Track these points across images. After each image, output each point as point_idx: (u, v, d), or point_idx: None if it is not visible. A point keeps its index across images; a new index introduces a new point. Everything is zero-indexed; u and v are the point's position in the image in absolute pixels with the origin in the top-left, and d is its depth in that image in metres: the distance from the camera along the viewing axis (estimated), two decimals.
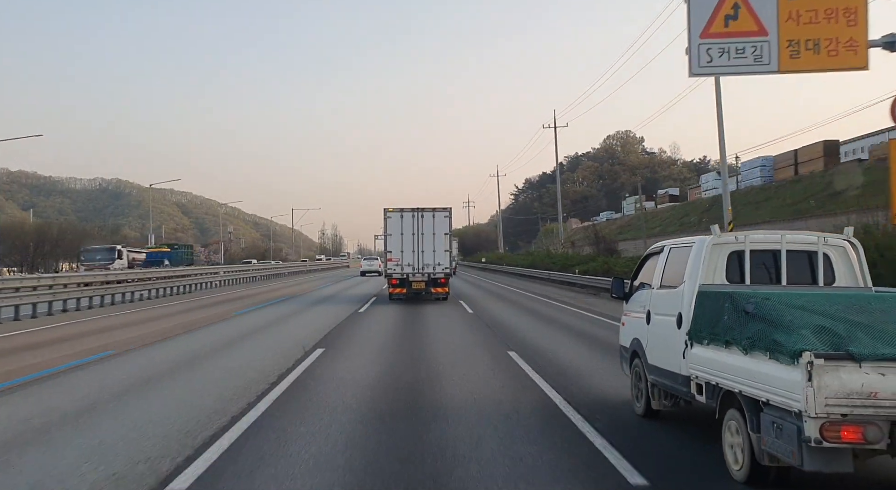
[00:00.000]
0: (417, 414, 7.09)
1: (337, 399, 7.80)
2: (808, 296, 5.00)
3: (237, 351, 12.17)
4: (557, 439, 6.10)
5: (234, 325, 16.93)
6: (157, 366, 10.40)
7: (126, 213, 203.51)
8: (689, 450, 5.85)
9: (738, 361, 4.82)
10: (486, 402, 7.63)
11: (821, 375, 3.95)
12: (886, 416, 3.95)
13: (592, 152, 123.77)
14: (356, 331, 15.22)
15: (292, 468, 5.19)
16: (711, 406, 5.35)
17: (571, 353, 11.62)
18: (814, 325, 4.40)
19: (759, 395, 4.52)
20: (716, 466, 5.12)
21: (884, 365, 3.98)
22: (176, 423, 6.60)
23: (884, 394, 3.93)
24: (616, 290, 7.96)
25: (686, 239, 6.47)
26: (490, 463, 5.34)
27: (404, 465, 5.30)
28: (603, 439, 5.94)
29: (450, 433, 6.26)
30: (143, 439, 6.04)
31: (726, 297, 5.19)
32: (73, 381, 9.29)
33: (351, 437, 6.23)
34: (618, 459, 5.37)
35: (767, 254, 5.94)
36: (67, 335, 14.62)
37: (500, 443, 5.90)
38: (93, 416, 7.10)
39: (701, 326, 5.47)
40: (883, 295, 5.30)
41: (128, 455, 5.55)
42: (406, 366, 10.27)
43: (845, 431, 3.95)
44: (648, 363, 6.65)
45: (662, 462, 5.47)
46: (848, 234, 5.93)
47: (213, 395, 7.98)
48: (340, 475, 5.05)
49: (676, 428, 6.50)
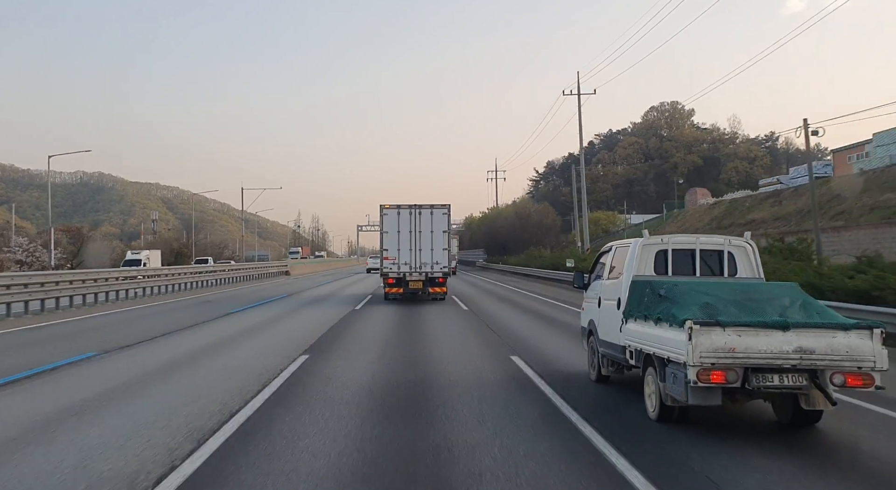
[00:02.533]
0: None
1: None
2: (705, 283, 6.98)
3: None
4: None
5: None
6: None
7: (107, 208, 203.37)
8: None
9: (652, 331, 6.76)
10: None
11: (697, 336, 5.89)
12: (741, 364, 5.89)
13: (631, 128, 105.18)
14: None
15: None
16: (638, 368, 7.31)
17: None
18: (701, 302, 6.37)
19: (664, 354, 6.46)
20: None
21: (740, 329, 5.92)
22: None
23: (739, 349, 5.87)
24: (577, 282, 9.91)
25: (626, 241, 8.43)
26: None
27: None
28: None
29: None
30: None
31: (647, 284, 7.16)
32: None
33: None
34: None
35: (686, 252, 7.91)
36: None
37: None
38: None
39: (631, 307, 7.42)
40: (761, 283, 7.29)
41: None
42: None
43: (713, 375, 5.89)
44: (599, 338, 8.62)
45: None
46: (747, 238, 7.91)
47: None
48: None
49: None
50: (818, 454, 5.86)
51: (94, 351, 11.66)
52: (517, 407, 7.50)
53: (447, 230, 23.37)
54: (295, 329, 15.79)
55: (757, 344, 5.86)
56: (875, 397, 7.33)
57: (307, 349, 11.98)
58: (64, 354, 11.31)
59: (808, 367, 5.87)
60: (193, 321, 17.27)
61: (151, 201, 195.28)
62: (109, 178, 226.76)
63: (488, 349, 12.22)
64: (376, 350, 12.14)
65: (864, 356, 5.81)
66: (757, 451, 5.79)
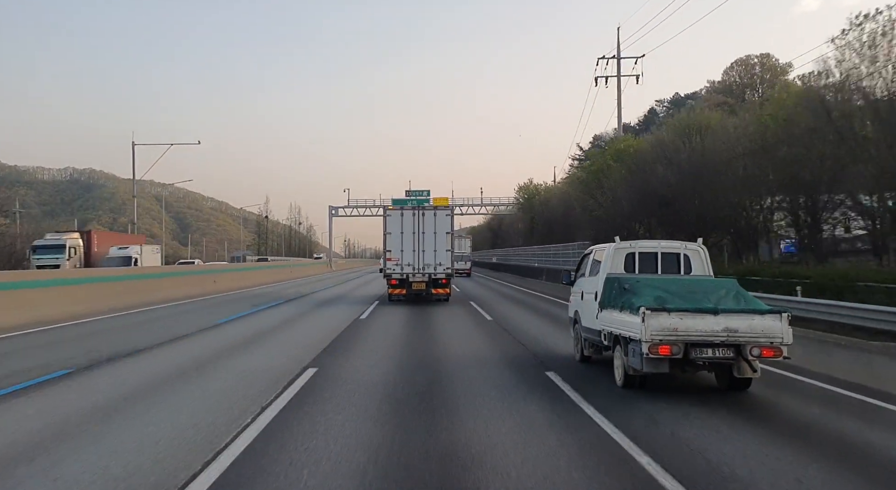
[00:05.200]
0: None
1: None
2: (660, 279, 9.15)
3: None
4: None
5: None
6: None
7: (97, 206, 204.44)
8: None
9: (618, 317, 8.92)
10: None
11: (649, 319, 8.03)
12: (682, 340, 8.03)
13: (707, 89, 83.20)
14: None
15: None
16: (610, 348, 9.47)
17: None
18: (654, 294, 8.54)
19: (627, 334, 8.61)
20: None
21: (682, 314, 8.06)
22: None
23: (680, 329, 8.01)
24: (566, 279, 12.10)
25: (603, 245, 10.62)
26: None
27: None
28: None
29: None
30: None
31: (616, 280, 9.33)
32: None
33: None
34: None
35: (651, 254, 10.08)
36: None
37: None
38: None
39: (605, 298, 9.58)
40: (705, 278, 9.47)
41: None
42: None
43: (661, 349, 8.04)
44: (582, 325, 10.79)
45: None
46: (699, 243, 10.10)
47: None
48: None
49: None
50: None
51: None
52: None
53: (450, 231, 24.25)
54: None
55: (694, 325, 8.02)
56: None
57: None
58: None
59: (734, 343, 8.02)
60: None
61: (145, 199, 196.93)
62: (101, 174, 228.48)
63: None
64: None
65: (775, 334, 7.96)
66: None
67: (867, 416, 7.73)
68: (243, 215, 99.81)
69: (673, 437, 6.62)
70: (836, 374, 10.07)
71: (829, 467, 5.77)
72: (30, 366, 10.67)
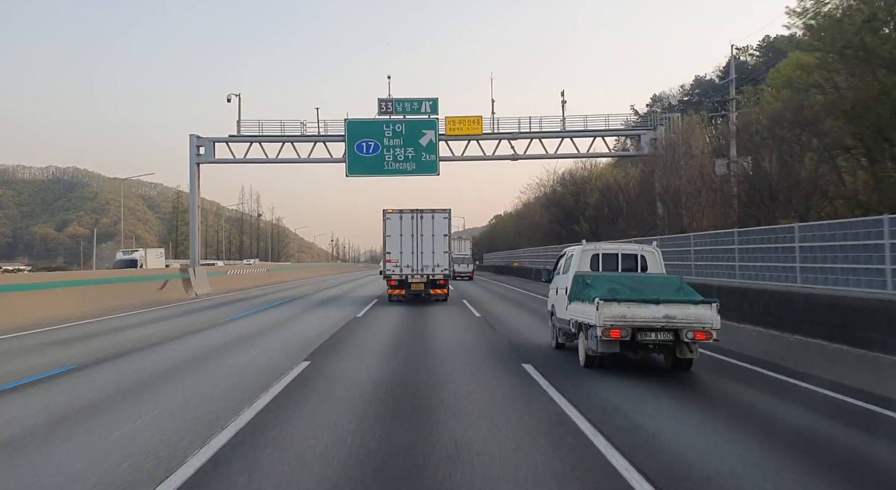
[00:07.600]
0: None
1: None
2: (617, 275, 11.27)
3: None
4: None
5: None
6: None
7: (79, 206, 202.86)
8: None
9: (581, 307, 10.99)
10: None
11: (602, 308, 10.10)
12: (629, 325, 10.08)
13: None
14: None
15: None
16: (576, 334, 11.55)
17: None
18: (609, 288, 10.64)
19: (586, 321, 10.67)
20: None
21: (629, 303, 10.12)
22: None
23: (628, 316, 10.08)
24: (544, 277, 14.21)
25: (573, 248, 12.73)
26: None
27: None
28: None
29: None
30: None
31: (581, 276, 11.44)
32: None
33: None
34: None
35: (613, 255, 12.20)
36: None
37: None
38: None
39: (573, 292, 11.66)
40: (655, 275, 11.59)
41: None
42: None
43: (612, 333, 10.09)
44: (557, 316, 12.90)
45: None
46: (654, 245, 12.22)
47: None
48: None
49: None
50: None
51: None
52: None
53: (448, 234, 25.77)
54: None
55: (639, 312, 10.10)
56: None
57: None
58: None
59: (672, 327, 10.10)
60: None
61: (130, 199, 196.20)
62: (85, 173, 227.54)
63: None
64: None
65: (706, 320, 10.04)
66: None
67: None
68: (235, 216, 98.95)
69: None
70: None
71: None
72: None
